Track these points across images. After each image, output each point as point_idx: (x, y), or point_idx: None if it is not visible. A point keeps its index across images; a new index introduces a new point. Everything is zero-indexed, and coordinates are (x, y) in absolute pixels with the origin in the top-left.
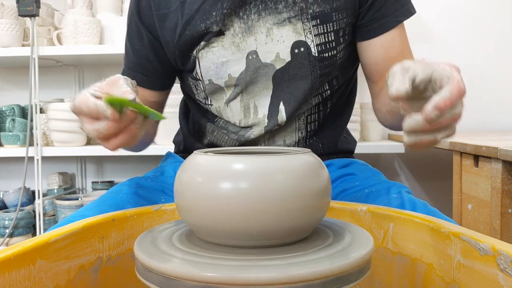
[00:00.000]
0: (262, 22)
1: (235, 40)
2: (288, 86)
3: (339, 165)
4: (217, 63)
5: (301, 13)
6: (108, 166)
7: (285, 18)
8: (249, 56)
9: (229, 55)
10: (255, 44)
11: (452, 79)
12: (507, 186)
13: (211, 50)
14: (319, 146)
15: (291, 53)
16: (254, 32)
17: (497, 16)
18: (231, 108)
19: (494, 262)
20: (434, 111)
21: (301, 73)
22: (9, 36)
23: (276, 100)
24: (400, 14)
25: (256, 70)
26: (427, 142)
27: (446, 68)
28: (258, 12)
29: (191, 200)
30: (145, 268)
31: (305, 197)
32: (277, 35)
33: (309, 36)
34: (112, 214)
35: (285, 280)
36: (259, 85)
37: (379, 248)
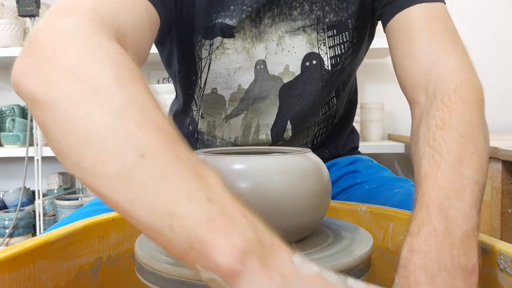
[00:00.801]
0: (274, 28)
1: (245, 45)
2: (296, 102)
3: (344, 163)
4: (229, 69)
5: (317, 22)
6: None
7: (299, 27)
8: (257, 66)
9: (242, 61)
10: (264, 53)
11: None
12: (507, 186)
13: (225, 52)
14: (326, 152)
15: (302, 66)
16: (265, 39)
17: (497, 15)
18: (229, 124)
19: (494, 262)
20: None
21: (311, 89)
22: (9, 36)
23: (282, 119)
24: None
25: (264, 83)
26: None
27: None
28: (272, 17)
29: None
30: (145, 268)
31: (305, 197)
32: (288, 44)
33: (323, 48)
34: (112, 214)
35: None
36: (266, 101)
37: (379, 248)
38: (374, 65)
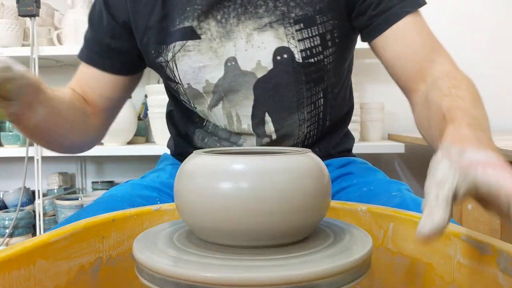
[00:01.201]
0: (242, 27)
1: (212, 45)
2: (272, 95)
3: (337, 164)
4: (194, 68)
5: (283, 17)
6: (108, 166)
7: (266, 23)
8: (227, 62)
9: (206, 61)
10: (234, 50)
11: (507, 188)
12: None
13: (187, 54)
14: (316, 151)
15: (273, 60)
16: (233, 38)
17: (495, 16)
18: (215, 113)
19: (494, 262)
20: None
21: (285, 81)
22: (9, 36)
23: (259, 111)
24: (407, 5)
25: (235, 78)
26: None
27: (490, 172)
28: (238, 16)
29: (191, 200)
30: (145, 268)
31: (305, 197)
32: (257, 41)
33: (292, 42)
34: (112, 214)
35: (285, 280)
36: (239, 94)
37: (379, 248)
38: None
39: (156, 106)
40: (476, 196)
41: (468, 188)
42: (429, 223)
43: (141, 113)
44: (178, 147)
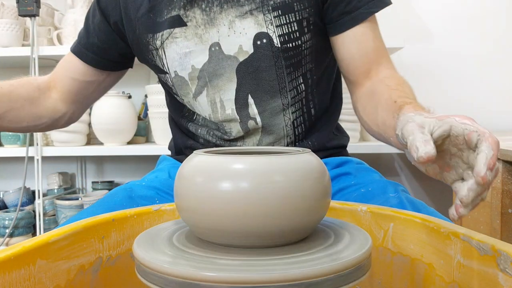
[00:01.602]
0: (225, 14)
1: (197, 32)
2: (253, 78)
3: (334, 164)
4: (180, 54)
5: (262, 5)
6: (108, 166)
7: (246, 11)
8: (211, 47)
9: (192, 46)
10: (217, 36)
11: (483, 133)
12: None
13: (174, 41)
14: (308, 144)
15: (254, 45)
16: (216, 24)
17: (496, 16)
18: (199, 103)
19: (494, 262)
20: (488, 172)
21: (265, 65)
22: (9, 36)
23: (242, 93)
24: (373, 5)
25: (219, 62)
26: (476, 205)
27: (466, 121)
28: (220, 5)
29: (191, 200)
30: (145, 268)
31: (305, 197)
32: (239, 27)
33: (270, 28)
34: (112, 214)
35: (285, 280)
36: (223, 78)
37: (379, 248)
38: None
39: (156, 106)
40: (444, 141)
41: (444, 130)
42: (428, 147)
43: (141, 113)
44: (177, 142)
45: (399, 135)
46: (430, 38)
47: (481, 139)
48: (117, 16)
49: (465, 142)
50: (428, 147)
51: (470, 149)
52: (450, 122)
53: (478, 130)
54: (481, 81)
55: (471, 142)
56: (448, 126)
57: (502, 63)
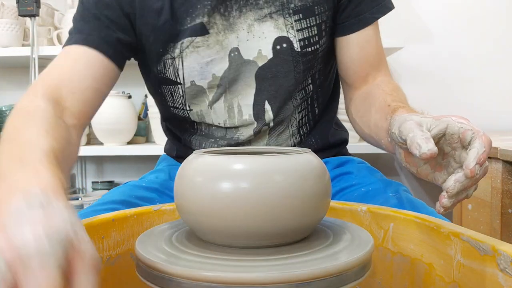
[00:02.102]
0: (243, 18)
1: (218, 38)
2: (272, 84)
3: (335, 164)
4: (202, 63)
5: (282, 8)
6: (108, 166)
7: (266, 14)
8: (231, 53)
9: (214, 54)
10: (236, 41)
11: (477, 132)
12: (507, 186)
13: (196, 50)
14: (312, 141)
15: (273, 49)
16: (236, 29)
17: (496, 16)
18: (214, 110)
19: (494, 262)
20: (477, 166)
21: (284, 70)
22: (9, 36)
23: (260, 99)
24: (377, 11)
25: (239, 68)
26: (461, 200)
27: (462, 121)
28: (239, 9)
29: (191, 200)
30: (145, 268)
31: (305, 197)
32: (258, 31)
33: (291, 32)
34: (112, 214)
35: (285, 280)
36: (241, 83)
37: (379, 248)
38: None
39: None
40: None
41: (440, 128)
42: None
43: (141, 113)
44: (179, 151)
45: (395, 133)
46: (430, 38)
47: (475, 137)
48: (131, 9)
49: (459, 140)
50: (429, 144)
51: (463, 148)
52: (446, 121)
53: (473, 129)
54: (481, 81)
55: (465, 140)
56: (444, 124)
57: (502, 63)
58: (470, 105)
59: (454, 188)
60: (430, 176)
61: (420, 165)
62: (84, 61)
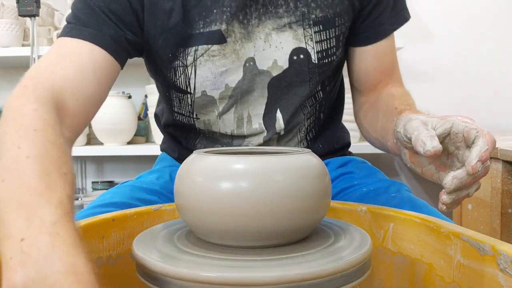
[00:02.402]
0: (262, 27)
1: (235, 48)
2: (285, 93)
3: (337, 164)
4: (216, 73)
5: (302, 18)
6: (108, 166)
7: (285, 23)
8: (246, 63)
9: (229, 64)
10: (253, 51)
11: (481, 131)
12: (507, 186)
13: (211, 59)
14: (319, 147)
15: (290, 60)
16: (253, 38)
17: (496, 16)
18: (223, 120)
19: (494, 262)
20: (479, 163)
21: (299, 80)
22: (9, 36)
23: (272, 108)
24: (396, 22)
25: (253, 78)
26: (462, 198)
27: (467, 120)
28: (259, 17)
29: (191, 200)
30: (145, 268)
31: (305, 197)
32: (275, 40)
33: (309, 43)
34: (112, 214)
35: (285, 280)
36: (254, 94)
37: (379, 248)
38: None
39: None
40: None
41: (446, 127)
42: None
43: (141, 113)
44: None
45: (401, 132)
46: (430, 38)
47: (479, 135)
48: (139, 6)
49: (464, 140)
50: (434, 142)
51: (467, 147)
52: (452, 120)
53: (477, 128)
54: (481, 81)
55: (469, 138)
56: (450, 124)
57: (502, 63)
58: (470, 105)
59: (451, 184)
60: (435, 176)
61: (425, 165)
62: (92, 62)
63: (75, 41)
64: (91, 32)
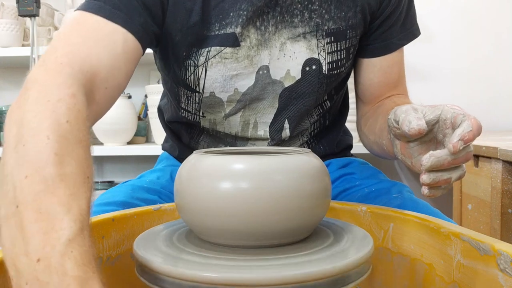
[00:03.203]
0: (278, 35)
1: (250, 53)
2: (294, 104)
3: (338, 165)
4: (226, 76)
5: (316, 29)
6: (108, 166)
7: (300, 33)
8: (259, 71)
9: (241, 69)
10: (268, 59)
11: (468, 115)
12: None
13: (222, 61)
14: (320, 148)
15: (302, 70)
16: (269, 46)
17: (496, 16)
18: (229, 122)
19: (494, 262)
20: (460, 142)
21: (309, 91)
22: (9, 36)
23: (281, 118)
24: (404, 37)
25: (265, 87)
26: (443, 181)
27: (456, 107)
28: (276, 25)
29: (191, 200)
30: (145, 268)
31: (305, 197)
32: (290, 50)
33: (322, 54)
34: (112, 214)
35: (285, 280)
36: (264, 102)
37: (379, 248)
38: None
39: (156, 106)
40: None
41: (436, 114)
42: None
43: (141, 113)
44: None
45: (391, 118)
46: (430, 38)
47: (465, 119)
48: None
49: (451, 125)
50: (420, 122)
51: None
52: (441, 107)
53: (465, 114)
54: (481, 81)
55: (456, 123)
56: (439, 111)
57: (502, 63)
58: (470, 105)
59: (428, 161)
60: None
61: (414, 156)
62: (124, 51)
63: (108, 24)
64: (123, 17)
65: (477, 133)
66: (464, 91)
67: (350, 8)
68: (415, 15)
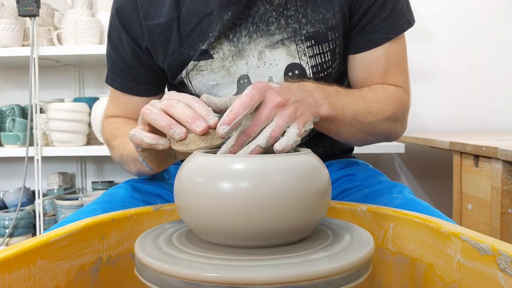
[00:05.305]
0: (254, 45)
1: (225, 64)
2: None
3: (339, 166)
4: (207, 85)
5: (294, 34)
6: (108, 166)
7: (277, 40)
8: (240, 80)
9: (219, 79)
10: (246, 68)
11: (239, 97)
12: (507, 186)
13: (200, 73)
14: (320, 150)
15: (285, 76)
16: (245, 56)
17: (496, 16)
18: None
19: (494, 262)
20: (221, 127)
21: None
22: (9, 36)
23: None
24: (390, 31)
25: None
26: (253, 152)
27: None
28: (249, 35)
29: (191, 200)
30: (145, 268)
31: (305, 197)
32: (269, 58)
33: (303, 58)
34: (112, 214)
35: (285, 280)
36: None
37: (379, 248)
38: None
39: None
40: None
41: (222, 104)
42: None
43: None
44: None
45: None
46: (430, 38)
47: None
48: (146, 44)
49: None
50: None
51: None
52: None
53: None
54: (481, 81)
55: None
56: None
57: (502, 63)
58: (469, 105)
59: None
60: None
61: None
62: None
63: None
64: (133, 87)
65: (238, 110)
66: (464, 91)
67: (327, 10)
68: (405, 8)
